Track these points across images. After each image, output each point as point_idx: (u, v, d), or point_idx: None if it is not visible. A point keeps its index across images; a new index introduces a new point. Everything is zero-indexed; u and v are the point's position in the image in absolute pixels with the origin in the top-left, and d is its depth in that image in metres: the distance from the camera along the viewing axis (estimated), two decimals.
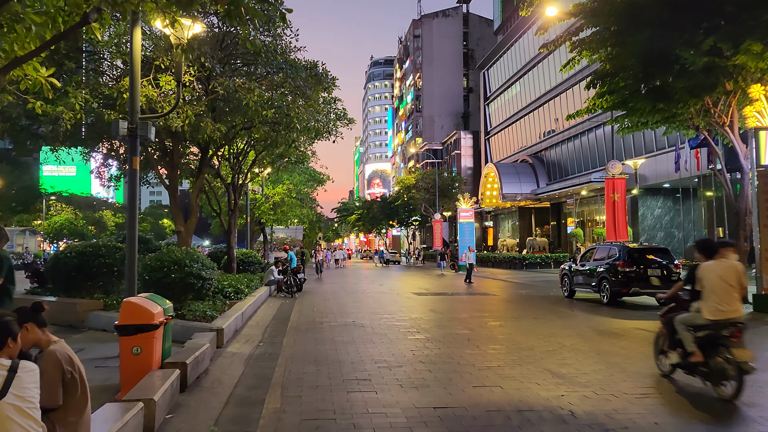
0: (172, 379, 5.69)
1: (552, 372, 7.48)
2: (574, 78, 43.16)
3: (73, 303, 11.33)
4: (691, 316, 6.68)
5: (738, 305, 6.36)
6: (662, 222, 37.79)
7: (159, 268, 10.62)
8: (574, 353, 8.82)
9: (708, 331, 6.41)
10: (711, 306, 6.34)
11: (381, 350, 9.10)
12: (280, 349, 9.33)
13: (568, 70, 17.98)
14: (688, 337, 6.61)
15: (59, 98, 9.88)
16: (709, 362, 6.35)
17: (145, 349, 5.96)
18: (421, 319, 12.94)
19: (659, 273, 15.49)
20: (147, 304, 6.13)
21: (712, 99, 15.62)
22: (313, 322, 12.63)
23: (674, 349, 6.94)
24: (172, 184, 13.60)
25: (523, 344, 9.59)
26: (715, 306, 6.32)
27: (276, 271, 19.55)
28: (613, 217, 21.41)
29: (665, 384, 6.92)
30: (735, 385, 6.03)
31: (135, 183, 8.51)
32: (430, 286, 24.06)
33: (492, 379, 7.07)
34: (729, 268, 6.39)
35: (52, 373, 3.53)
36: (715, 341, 6.33)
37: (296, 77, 11.71)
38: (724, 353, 6.18)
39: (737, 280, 6.34)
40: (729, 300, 6.30)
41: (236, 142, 17.67)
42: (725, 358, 6.15)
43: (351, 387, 6.75)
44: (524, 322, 12.36)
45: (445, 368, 7.72)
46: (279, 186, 32.52)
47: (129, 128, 8.28)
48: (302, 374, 7.43)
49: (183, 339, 8.64)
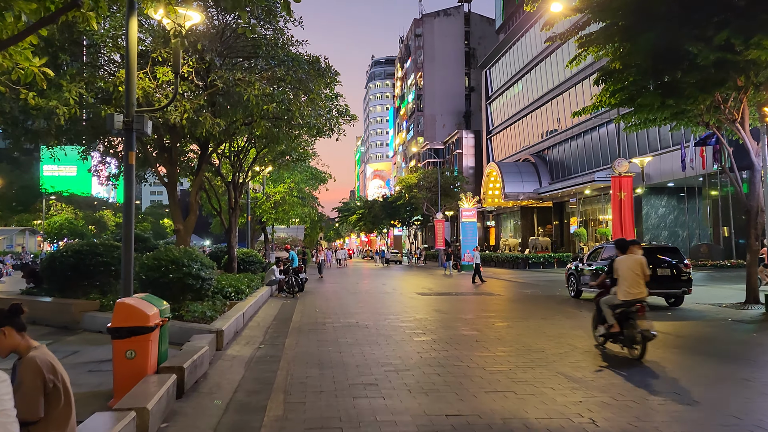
0: (168, 385, 5.36)
1: (566, 376, 7.15)
2: (577, 77, 42.85)
3: (68, 303, 11.01)
4: (610, 297, 8.62)
5: (642, 288, 8.23)
6: (666, 221, 37.48)
7: (156, 268, 10.30)
8: (587, 355, 8.49)
9: (622, 308, 8.29)
10: (623, 290, 8.27)
11: (387, 352, 8.77)
12: (282, 351, 9.00)
13: (575, 65, 17.60)
14: (609, 313, 8.53)
15: (53, 92, 9.55)
16: (624, 332, 8.27)
17: (140, 352, 5.64)
18: (426, 320, 12.61)
19: (669, 273, 15.13)
20: (142, 306, 5.81)
21: (723, 95, 15.29)
22: (316, 323, 12.30)
23: (602, 323, 8.84)
24: (170, 181, 13.27)
25: (533, 346, 9.26)
26: (626, 290, 8.24)
27: (277, 270, 19.22)
28: (619, 216, 21.06)
29: (688, 391, 6.58)
30: (641, 348, 7.97)
31: (131, 179, 8.19)
32: (434, 285, 23.73)
33: (504, 384, 6.74)
34: (635, 261, 8.31)
35: (31, 382, 3.19)
36: (627, 316, 8.22)
37: (298, 70, 11.37)
38: (633, 324, 8.05)
39: (641, 270, 8.26)
40: (636, 285, 8.21)
41: (237, 138, 17.34)
42: (633, 327, 8.03)
43: (357, 392, 6.42)
44: (532, 323, 12.03)
45: (454, 372, 7.39)
46: (280, 184, 32.19)
47: (124, 122, 7.96)
48: (305, 378, 7.10)
49: (181, 341, 8.31)
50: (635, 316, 8.06)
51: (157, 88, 9.94)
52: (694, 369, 7.77)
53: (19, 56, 5.93)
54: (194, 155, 17.56)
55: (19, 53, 5.92)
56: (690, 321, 12.57)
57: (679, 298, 15.35)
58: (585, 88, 42.40)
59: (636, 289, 8.18)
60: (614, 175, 21.92)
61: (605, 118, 39.88)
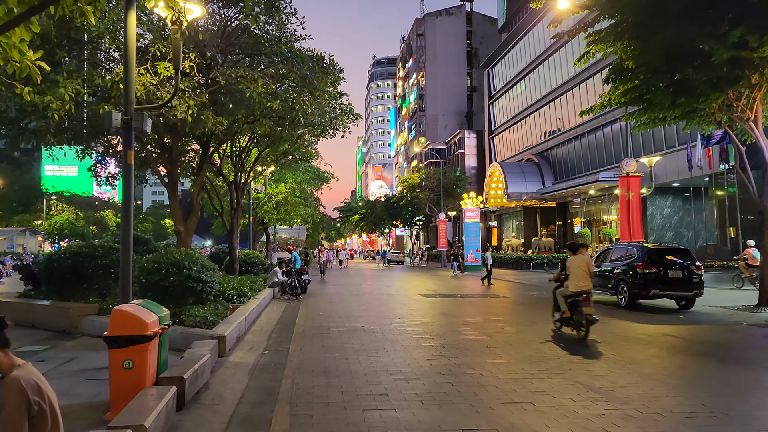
0: (168, 398, 5.04)
1: (585, 385, 6.83)
2: (581, 76, 42.47)
3: (66, 307, 10.68)
4: (563, 289, 10.55)
5: (588, 282, 10.14)
6: (671, 222, 37.12)
7: (156, 271, 9.98)
8: (604, 363, 8.17)
9: (572, 298, 10.17)
10: (573, 283, 10.17)
11: (395, 359, 8.45)
12: (287, 357, 8.68)
13: (582, 63, 17.27)
14: (562, 301, 10.45)
15: (49, 88, 9.24)
16: (573, 317, 10.17)
17: (138, 362, 5.33)
18: (433, 324, 12.29)
19: (680, 274, 14.80)
20: (140, 313, 5.49)
21: (735, 93, 14.96)
22: (320, 327, 11.99)
23: (558, 311, 10.75)
24: (171, 181, 12.95)
25: (547, 352, 8.94)
26: (576, 283, 10.13)
27: (280, 272, 18.91)
28: (627, 217, 20.70)
29: (715, 401, 6.25)
30: (585, 330, 9.90)
31: (130, 179, 7.88)
32: (438, 287, 23.40)
33: (521, 394, 6.42)
34: (583, 260, 10.29)
35: (14, 404, 2.86)
36: (576, 304, 10.07)
37: (302, 67, 11.03)
38: (580, 311, 9.89)
39: (587, 268, 10.21)
40: (583, 279, 10.13)
41: (239, 138, 17.01)
42: (581, 313, 9.87)
43: (366, 403, 6.10)
44: (542, 327, 11.69)
45: (467, 381, 7.07)
46: (282, 185, 31.86)
47: (123, 119, 7.64)
48: (312, 388, 6.78)
49: (182, 347, 8.01)
50: (582, 304, 9.92)
51: (158, 84, 9.61)
52: (717, 377, 7.45)
53: (14, 50, 5.63)
54: (195, 155, 17.23)
55: (13, 47, 5.62)
56: (704, 325, 12.23)
57: (690, 301, 15.02)
58: (589, 87, 42.04)
59: (583, 283, 10.09)
60: (622, 174, 21.57)
61: (609, 118, 39.52)
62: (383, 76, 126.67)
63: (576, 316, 10.02)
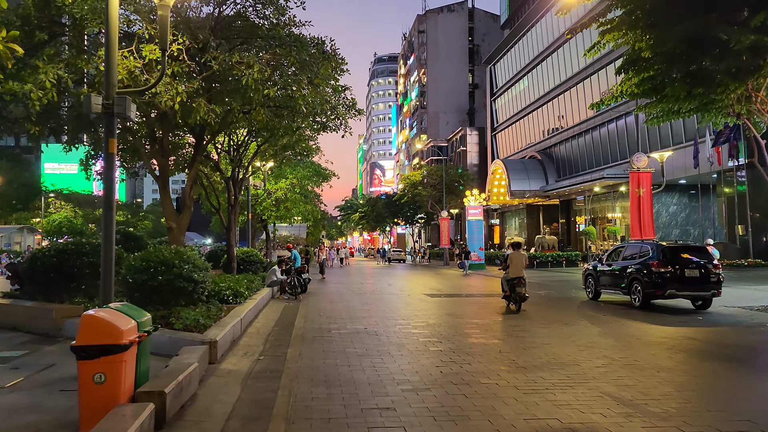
0: (144, 417, 4.37)
1: (614, 397, 6.15)
2: (585, 71, 41.78)
3: (49, 309, 10.00)
4: (506, 275, 14.37)
5: (522, 271, 14.06)
6: (678, 219, 36.44)
7: (145, 270, 9.30)
8: (630, 370, 7.48)
9: (512, 281, 13.98)
10: (512, 271, 14.06)
11: (402, 366, 7.77)
12: (284, 364, 8.00)
13: (594, 54, 16.58)
14: (505, 284, 14.44)
15: (29, 75, 8.56)
16: (511, 295, 14.03)
17: (111, 376, 4.66)
18: (440, 326, 11.61)
19: (697, 273, 14.10)
20: (114, 319, 4.82)
21: (755, 83, 14.27)
22: (321, 329, 11.31)
23: (504, 290, 14.58)
24: (162, 174, 12.25)
25: (566, 358, 8.26)
26: (514, 271, 14.03)
27: (279, 271, 18.23)
28: (638, 214, 19.99)
29: (764, 417, 5.57)
30: (519, 305, 13.87)
31: (112, 169, 7.20)
32: (441, 286, 22.72)
33: (544, 408, 5.75)
34: (520, 255, 14.42)
35: None
36: (514, 285, 13.89)
37: (302, 52, 10.33)
38: (516, 291, 13.80)
39: (522, 261, 14.25)
40: (519, 269, 14.03)
41: (235, 130, 16.31)
42: (516, 292, 13.81)
43: (372, 420, 5.43)
44: (555, 330, 11.03)
45: (482, 392, 6.39)
46: (282, 181, 31.15)
47: (104, 104, 6.96)
48: (310, 400, 6.11)
49: (170, 353, 7.33)
50: (517, 285, 13.82)
51: (145, 69, 8.93)
52: (759, 388, 6.78)
53: None
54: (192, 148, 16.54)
55: None
56: (726, 327, 11.56)
57: (707, 301, 14.33)
58: (593, 83, 41.32)
59: (519, 271, 14.02)
60: (632, 170, 20.87)
61: (614, 114, 38.84)
62: (384, 73, 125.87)
63: (513, 295, 13.99)
